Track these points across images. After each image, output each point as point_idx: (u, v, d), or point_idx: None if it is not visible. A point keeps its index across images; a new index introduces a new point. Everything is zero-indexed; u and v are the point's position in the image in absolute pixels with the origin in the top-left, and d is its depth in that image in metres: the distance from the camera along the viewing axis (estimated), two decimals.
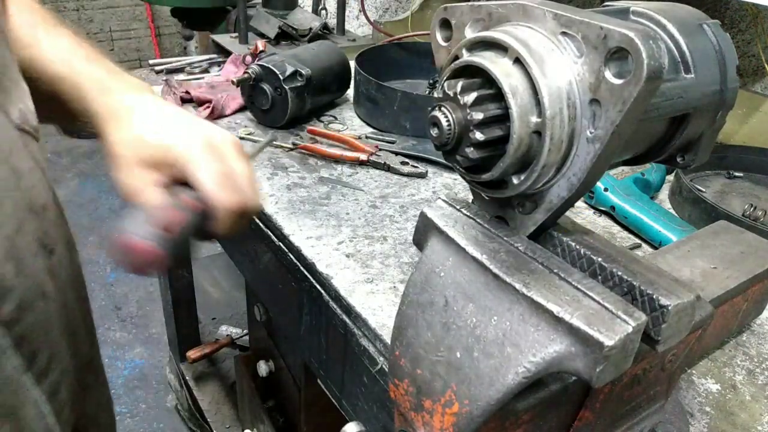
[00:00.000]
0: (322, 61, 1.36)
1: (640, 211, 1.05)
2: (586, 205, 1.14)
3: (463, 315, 0.49)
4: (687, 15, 0.54)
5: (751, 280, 0.71)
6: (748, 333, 0.87)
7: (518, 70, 0.44)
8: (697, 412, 0.73)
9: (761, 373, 0.80)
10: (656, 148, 0.55)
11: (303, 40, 1.99)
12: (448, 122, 0.43)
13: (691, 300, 0.46)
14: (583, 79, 0.43)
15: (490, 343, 0.47)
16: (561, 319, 0.43)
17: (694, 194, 1.08)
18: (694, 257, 0.73)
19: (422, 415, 0.52)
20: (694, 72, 0.51)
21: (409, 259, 0.92)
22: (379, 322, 0.79)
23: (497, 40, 0.44)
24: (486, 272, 0.48)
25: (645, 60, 0.38)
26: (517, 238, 0.51)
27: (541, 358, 0.44)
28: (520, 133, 0.43)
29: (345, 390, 0.91)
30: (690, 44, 0.51)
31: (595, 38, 0.41)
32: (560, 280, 0.46)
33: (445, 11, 0.51)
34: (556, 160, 0.45)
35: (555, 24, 0.44)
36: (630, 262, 0.49)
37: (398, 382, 0.54)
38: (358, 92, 1.40)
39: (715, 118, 0.54)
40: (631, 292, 0.47)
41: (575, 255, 0.50)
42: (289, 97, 1.26)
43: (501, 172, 0.46)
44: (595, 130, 0.43)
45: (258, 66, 1.28)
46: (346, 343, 0.84)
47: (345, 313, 0.84)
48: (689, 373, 0.78)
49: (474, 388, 0.47)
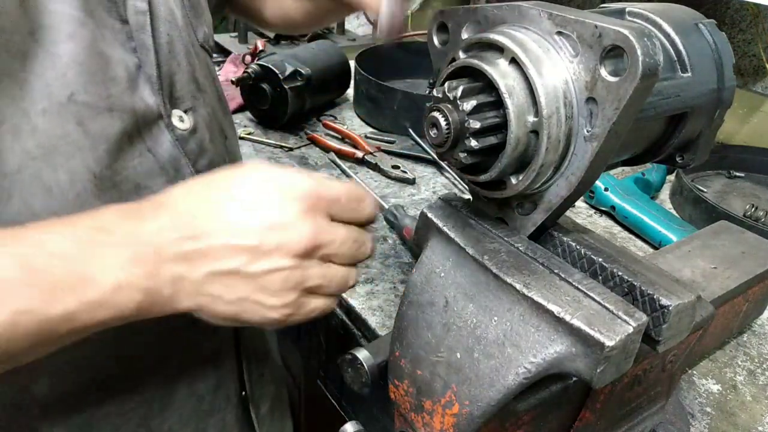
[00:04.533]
0: (322, 61, 1.36)
1: (640, 211, 1.05)
2: (586, 205, 1.14)
3: (463, 315, 0.49)
4: (683, 15, 0.54)
5: (751, 280, 0.71)
6: (748, 333, 0.86)
7: (514, 70, 0.44)
8: (697, 412, 0.73)
9: (762, 373, 0.80)
10: (655, 148, 0.55)
11: (303, 39, 1.99)
12: (447, 124, 0.43)
13: (691, 300, 0.46)
14: (579, 77, 0.43)
15: (490, 344, 0.47)
16: (562, 319, 0.43)
17: (695, 194, 1.08)
18: (694, 257, 0.72)
19: (422, 416, 0.52)
20: (690, 71, 0.51)
21: (409, 260, 0.92)
22: (379, 322, 0.79)
23: (493, 41, 0.45)
24: (486, 272, 0.48)
25: (640, 57, 0.38)
26: (518, 239, 0.51)
27: (541, 359, 0.44)
28: (518, 132, 0.43)
29: (345, 390, 0.91)
30: (686, 43, 0.51)
31: (590, 37, 0.41)
32: (561, 280, 0.46)
33: (441, 14, 0.51)
34: (554, 159, 0.45)
35: (550, 24, 0.44)
36: (631, 263, 0.49)
37: (398, 382, 0.54)
38: (358, 92, 1.40)
39: (713, 117, 0.54)
40: (631, 292, 0.47)
41: (576, 255, 0.50)
42: (289, 97, 1.26)
43: (499, 172, 0.46)
44: (593, 128, 0.43)
45: (257, 65, 1.28)
46: (346, 343, 0.84)
47: (345, 313, 0.84)
48: (690, 374, 0.78)
49: (474, 388, 0.47)
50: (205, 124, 0.63)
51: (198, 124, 0.62)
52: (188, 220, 0.46)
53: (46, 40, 0.48)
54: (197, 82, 0.63)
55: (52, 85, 0.49)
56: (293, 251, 0.46)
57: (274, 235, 0.46)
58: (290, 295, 0.47)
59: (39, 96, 0.48)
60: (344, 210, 0.50)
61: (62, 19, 0.49)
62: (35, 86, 0.48)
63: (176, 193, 0.48)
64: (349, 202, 0.50)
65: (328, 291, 0.50)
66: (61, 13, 0.49)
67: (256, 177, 0.48)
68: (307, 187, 0.48)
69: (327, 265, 0.49)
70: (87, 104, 0.51)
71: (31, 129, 0.48)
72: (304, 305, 0.49)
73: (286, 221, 0.46)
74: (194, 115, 0.62)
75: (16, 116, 0.47)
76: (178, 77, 0.60)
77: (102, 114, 0.52)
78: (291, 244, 0.46)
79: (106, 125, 0.52)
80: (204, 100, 0.64)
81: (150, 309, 0.46)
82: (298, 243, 0.46)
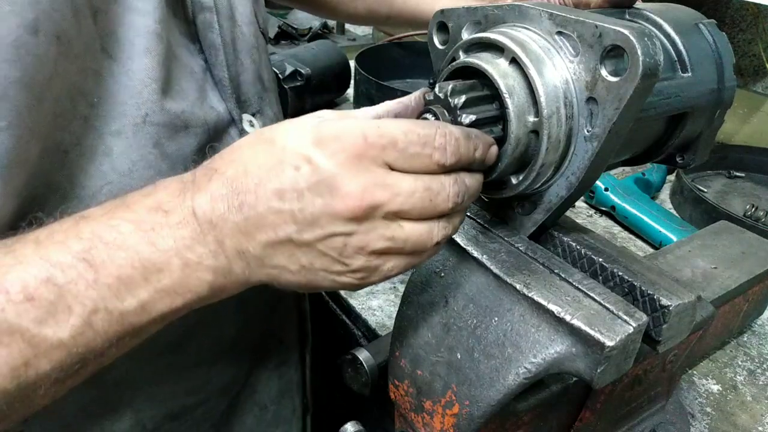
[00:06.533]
0: (322, 61, 1.36)
1: (640, 211, 1.05)
2: (586, 204, 1.14)
3: (463, 315, 0.49)
4: (683, 15, 0.54)
5: (752, 280, 0.71)
6: (749, 333, 0.86)
7: (515, 70, 0.43)
8: (698, 412, 0.73)
9: (762, 373, 0.80)
10: (655, 148, 0.55)
11: (303, 39, 1.99)
12: None
13: (692, 300, 0.46)
14: (580, 77, 0.43)
15: (490, 344, 0.47)
16: (562, 319, 0.43)
17: (695, 194, 1.08)
18: (694, 257, 0.72)
19: (422, 416, 0.52)
20: (691, 71, 0.51)
21: None
22: (379, 323, 0.79)
23: (493, 41, 0.44)
24: (487, 272, 0.48)
25: (640, 57, 0.38)
26: (518, 239, 0.51)
27: (541, 359, 0.44)
28: (518, 132, 0.43)
29: (345, 390, 0.91)
30: (686, 43, 0.51)
31: (590, 37, 0.41)
32: (561, 280, 0.46)
33: (441, 14, 0.51)
34: (554, 159, 0.45)
35: (550, 24, 0.44)
36: (631, 263, 0.49)
37: (398, 382, 0.54)
38: (358, 92, 1.39)
39: (714, 117, 0.54)
40: (632, 292, 0.47)
41: (576, 255, 0.50)
42: (289, 97, 1.26)
43: (499, 172, 0.45)
44: (593, 128, 0.43)
45: None
46: (346, 343, 0.84)
47: (345, 313, 0.84)
48: (690, 374, 0.78)
49: (474, 388, 0.47)
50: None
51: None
52: (235, 187, 0.40)
53: (121, 56, 0.46)
54: (262, 81, 0.60)
55: (127, 104, 0.46)
56: (341, 215, 0.39)
57: (316, 197, 0.39)
58: (356, 261, 0.41)
59: (113, 116, 0.45)
60: (404, 157, 0.39)
61: (138, 33, 0.46)
62: (108, 105, 0.45)
63: (226, 155, 0.43)
64: (411, 144, 0.39)
65: (404, 251, 0.42)
66: (136, 25, 0.46)
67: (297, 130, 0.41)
68: (352, 135, 0.39)
69: (396, 224, 0.40)
70: (163, 124, 0.48)
71: (106, 151, 0.45)
72: (377, 268, 0.42)
73: (328, 179, 0.39)
74: (262, 118, 0.59)
75: (88, 138, 0.45)
76: (244, 78, 0.57)
77: (179, 132, 0.49)
78: (337, 206, 0.39)
79: (182, 144, 0.49)
80: (269, 100, 0.61)
81: (224, 287, 0.43)
82: (345, 205, 0.39)
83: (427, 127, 0.40)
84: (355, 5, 0.98)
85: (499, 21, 0.47)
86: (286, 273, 0.42)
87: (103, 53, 0.45)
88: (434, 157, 0.40)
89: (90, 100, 0.45)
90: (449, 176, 0.41)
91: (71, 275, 0.38)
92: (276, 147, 0.40)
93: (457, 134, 0.40)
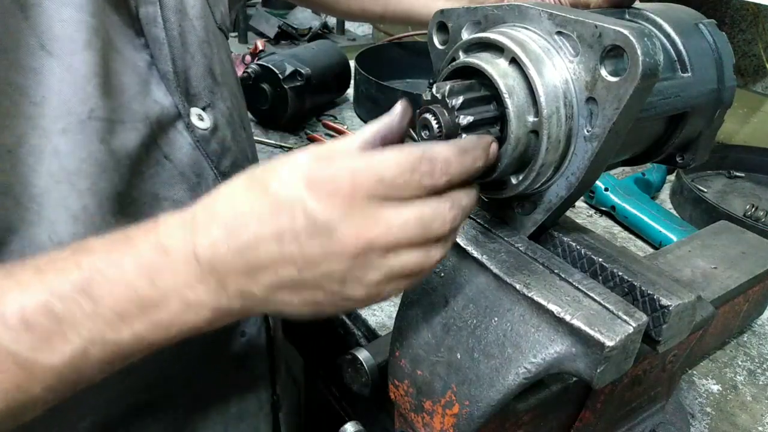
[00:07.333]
0: (322, 61, 1.36)
1: (640, 211, 1.05)
2: (586, 204, 1.14)
3: (463, 315, 0.49)
4: (683, 15, 0.54)
5: (752, 280, 0.71)
6: (749, 333, 0.86)
7: (514, 70, 0.43)
8: (698, 412, 0.73)
9: (762, 373, 0.80)
10: (655, 148, 0.55)
11: (303, 39, 1.99)
12: (438, 124, 0.43)
13: (691, 300, 0.46)
14: (580, 77, 0.43)
15: (490, 344, 0.47)
16: (562, 319, 0.43)
17: (695, 194, 1.08)
18: (694, 257, 0.72)
19: (422, 416, 0.52)
20: (690, 71, 0.51)
21: None
22: (379, 322, 0.79)
23: (493, 41, 0.44)
24: (486, 273, 0.48)
25: (640, 57, 0.38)
26: (518, 239, 0.51)
27: (541, 359, 0.44)
28: (518, 132, 0.43)
29: (345, 390, 0.91)
30: (686, 43, 0.51)
31: (590, 37, 0.41)
32: (561, 280, 0.46)
33: (441, 14, 0.51)
34: (554, 159, 0.45)
35: (550, 24, 0.44)
36: (631, 263, 0.49)
37: (398, 382, 0.54)
38: (358, 92, 1.40)
39: (714, 117, 0.54)
40: (631, 292, 0.47)
41: (576, 255, 0.50)
42: (289, 97, 1.26)
43: (499, 172, 0.45)
44: (593, 128, 0.43)
45: (257, 65, 1.28)
46: (346, 344, 0.84)
47: (344, 313, 0.84)
48: (690, 374, 0.78)
49: (474, 388, 0.47)
50: (226, 121, 0.60)
51: (218, 122, 0.59)
52: (235, 231, 0.41)
53: (61, 52, 0.46)
54: (213, 75, 0.60)
55: (72, 101, 0.46)
56: (341, 255, 0.40)
57: (313, 239, 0.40)
58: (358, 291, 0.42)
59: (58, 114, 0.45)
60: (393, 188, 0.39)
61: (76, 27, 0.47)
62: (53, 103, 0.45)
63: (224, 194, 0.43)
64: (399, 175, 0.39)
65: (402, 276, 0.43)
66: (73, 20, 0.47)
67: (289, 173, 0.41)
68: (341, 177, 0.39)
69: (392, 254, 0.41)
70: (108, 119, 0.48)
71: (53, 150, 0.45)
72: (381, 292, 0.43)
73: (323, 223, 0.39)
74: (213, 111, 0.59)
75: (34, 137, 0.45)
76: (193, 72, 0.57)
77: (120, 127, 0.49)
78: (334, 247, 0.40)
79: (124, 139, 0.49)
80: (222, 94, 0.61)
81: (223, 321, 0.44)
82: (342, 246, 0.40)
83: (412, 154, 0.39)
84: (348, 4, 0.99)
85: (498, 21, 0.47)
86: (290, 307, 0.44)
87: (42, 51, 0.45)
88: (423, 182, 0.40)
89: (33, 98, 0.45)
90: (444, 200, 0.41)
91: (69, 305, 0.39)
92: (269, 192, 0.41)
93: (446, 153, 0.40)
